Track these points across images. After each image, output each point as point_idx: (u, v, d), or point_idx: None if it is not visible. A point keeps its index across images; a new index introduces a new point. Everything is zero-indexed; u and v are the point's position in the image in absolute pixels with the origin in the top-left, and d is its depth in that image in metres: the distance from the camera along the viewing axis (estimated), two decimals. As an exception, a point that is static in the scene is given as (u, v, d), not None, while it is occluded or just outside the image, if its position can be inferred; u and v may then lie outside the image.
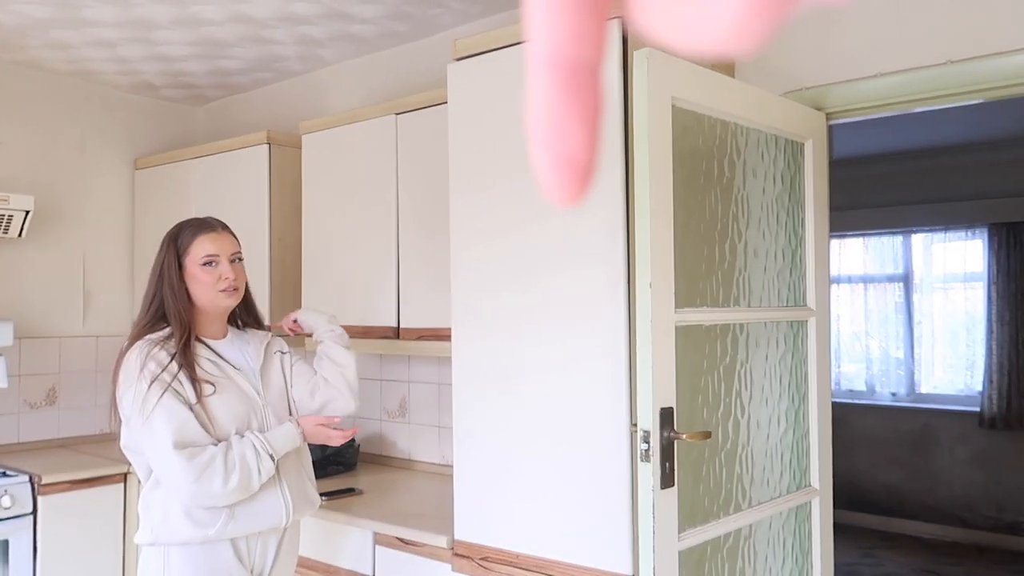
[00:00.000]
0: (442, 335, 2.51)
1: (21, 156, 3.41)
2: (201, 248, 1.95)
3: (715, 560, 1.87)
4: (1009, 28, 1.98)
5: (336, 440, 2.02)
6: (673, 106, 1.75)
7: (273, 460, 1.88)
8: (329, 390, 2.10)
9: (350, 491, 2.65)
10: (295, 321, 2.27)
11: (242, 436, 1.88)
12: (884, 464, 5.45)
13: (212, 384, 1.89)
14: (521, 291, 2.02)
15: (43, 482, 2.87)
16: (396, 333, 2.70)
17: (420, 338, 2.63)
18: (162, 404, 1.81)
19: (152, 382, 1.82)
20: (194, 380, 1.87)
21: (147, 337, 1.90)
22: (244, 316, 2.11)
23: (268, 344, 2.09)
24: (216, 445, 1.84)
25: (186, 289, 1.94)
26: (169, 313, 1.93)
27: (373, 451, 3.19)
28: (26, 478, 2.87)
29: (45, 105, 3.50)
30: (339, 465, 2.94)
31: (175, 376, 1.85)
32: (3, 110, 3.37)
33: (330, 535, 2.46)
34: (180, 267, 1.94)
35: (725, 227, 1.94)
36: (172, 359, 1.86)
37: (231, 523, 1.87)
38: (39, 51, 3.22)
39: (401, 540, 2.28)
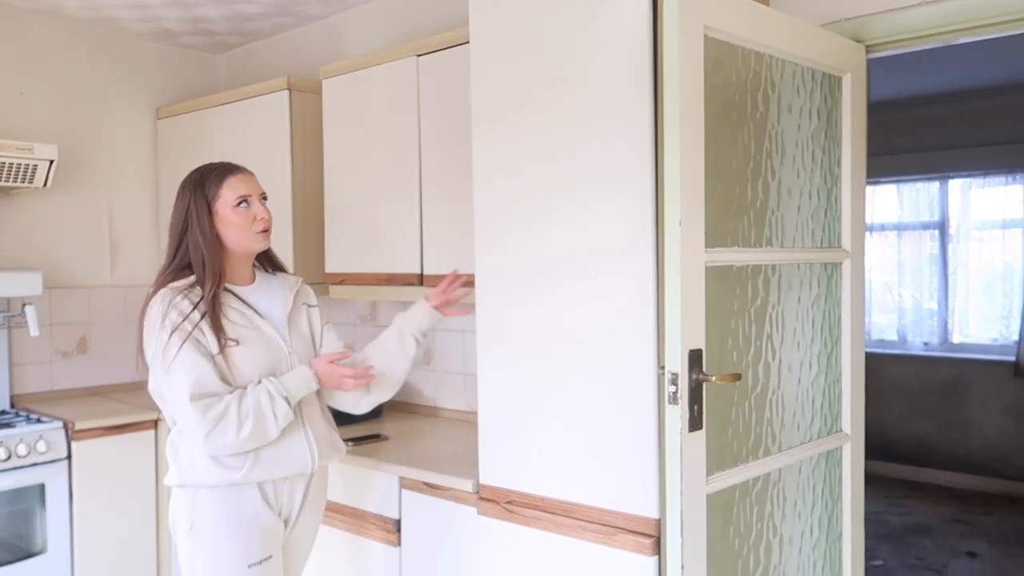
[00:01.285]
0: (467, 281, 2.48)
1: (44, 106, 3.40)
2: (232, 190, 1.92)
3: (743, 504, 1.84)
4: (1066, -51, 1.86)
5: (349, 384, 1.96)
6: (705, 36, 1.67)
7: (288, 404, 1.87)
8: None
9: (376, 437, 2.67)
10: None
11: (258, 383, 1.88)
12: (915, 415, 5.38)
13: (235, 339, 1.88)
14: (546, 230, 1.97)
15: (76, 428, 2.92)
16: (420, 280, 2.68)
17: (444, 284, 2.60)
18: (181, 355, 1.80)
19: (173, 332, 1.81)
20: (218, 330, 1.85)
21: (171, 285, 1.89)
22: (265, 262, 2.10)
23: (297, 292, 2.07)
24: (232, 394, 1.83)
25: (216, 235, 1.92)
26: (197, 261, 1.90)
27: (399, 399, 3.19)
28: (60, 424, 2.92)
29: (66, 54, 3.47)
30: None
31: (196, 325, 1.83)
32: (25, 60, 3.35)
33: (357, 480, 2.47)
34: (210, 212, 1.91)
35: (758, 164, 1.87)
36: (195, 308, 1.85)
37: (256, 468, 1.88)
38: (57, -2, 3.18)
39: (427, 484, 2.29)
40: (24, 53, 3.35)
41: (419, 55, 2.65)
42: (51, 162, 3.03)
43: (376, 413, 3.00)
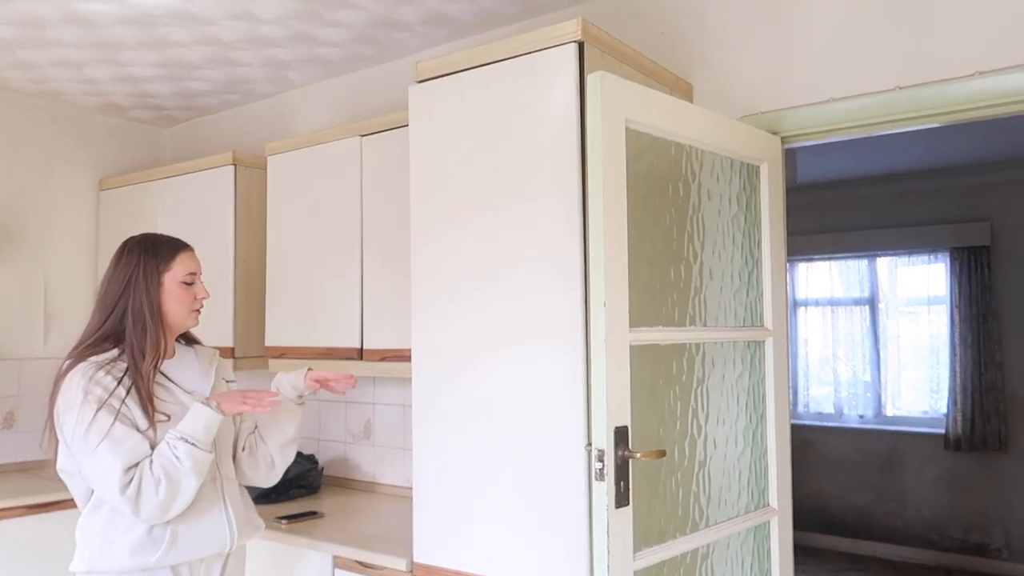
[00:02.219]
0: (406, 356, 2.50)
1: (-17, 176, 3.38)
2: (184, 266, 1.92)
3: (672, 580, 1.86)
4: (954, 56, 2.05)
5: (248, 406, 1.83)
6: (627, 128, 1.78)
7: (188, 442, 1.76)
8: (260, 454, 2.02)
9: (312, 514, 2.62)
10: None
11: None
12: (853, 486, 5.48)
13: (165, 414, 1.82)
14: (480, 312, 2.03)
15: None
16: (360, 354, 2.69)
17: (384, 359, 2.62)
18: (110, 432, 1.73)
19: (99, 408, 1.74)
20: (149, 406, 1.79)
21: (91, 359, 1.82)
22: (182, 335, 2.04)
23: (217, 367, 2.04)
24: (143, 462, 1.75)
25: (160, 306, 1.88)
26: (136, 331, 1.84)
27: (337, 474, 3.16)
28: (-17, 505, 2.81)
29: (9, 125, 3.47)
30: (301, 488, 2.91)
31: (123, 401, 1.77)
32: (-34, 130, 3.34)
33: (289, 559, 2.42)
34: (159, 283, 1.88)
35: (680, 248, 1.97)
36: (119, 384, 1.79)
37: (172, 550, 1.80)
38: (3, 71, 3.20)
39: (360, 563, 2.25)
40: (-34, 124, 3.34)
41: (363, 135, 2.73)
42: (-13, 233, 2.99)
43: (313, 489, 2.96)
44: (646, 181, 1.88)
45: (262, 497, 2.77)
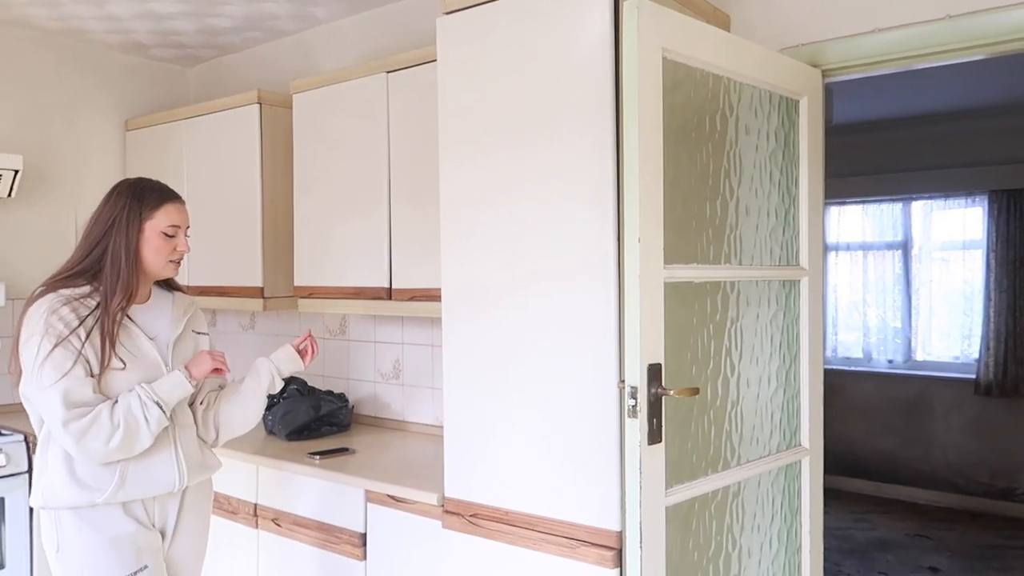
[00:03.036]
0: (435, 296, 2.50)
1: (9, 115, 3.37)
2: (167, 217, 1.92)
3: (703, 516, 1.87)
4: (1010, -20, 1.94)
5: (215, 366, 1.93)
6: (664, 58, 1.72)
7: (161, 408, 1.82)
8: (224, 414, 2.07)
9: (343, 451, 2.66)
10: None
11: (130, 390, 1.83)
12: (879, 431, 5.47)
13: (121, 360, 1.83)
14: (510, 248, 2.00)
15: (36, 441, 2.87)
16: (388, 294, 2.69)
17: (412, 299, 2.62)
18: (60, 367, 1.75)
19: (56, 344, 1.76)
20: (108, 347, 1.81)
21: (60, 292, 1.83)
22: (164, 281, 2.05)
23: (190, 318, 2.05)
24: (104, 403, 1.79)
25: (137, 251, 1.89)
26: (112, 272, 1.85)
27: (367, 412, 3.20)
28: (21, 437, 2.88)
29: (34, 64, 3.45)
30: (332, 425, 2.95)
31: (83, 343, 1.78)
32: (-8, 69, 3.33)
33: (323, 493, 2.47)
34: (140, 229, 1.89)
35: (717, 183, 1.92)
36: (81, 323, 1.80)
37: (121, 489, 1.84)
38: (25, 8, 3.17)
39: (392, 497, 2.29)
40: (-9, 63, 3.33)
41: (389, 72, 2.68)
42: (16, 172, 3.00)
43: (343, 427, 3.00)
44: (682, 114, 1.82)
45: (294, 433, 2.82)
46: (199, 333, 2.08)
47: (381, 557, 2.33)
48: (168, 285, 2.07)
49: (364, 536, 2.37)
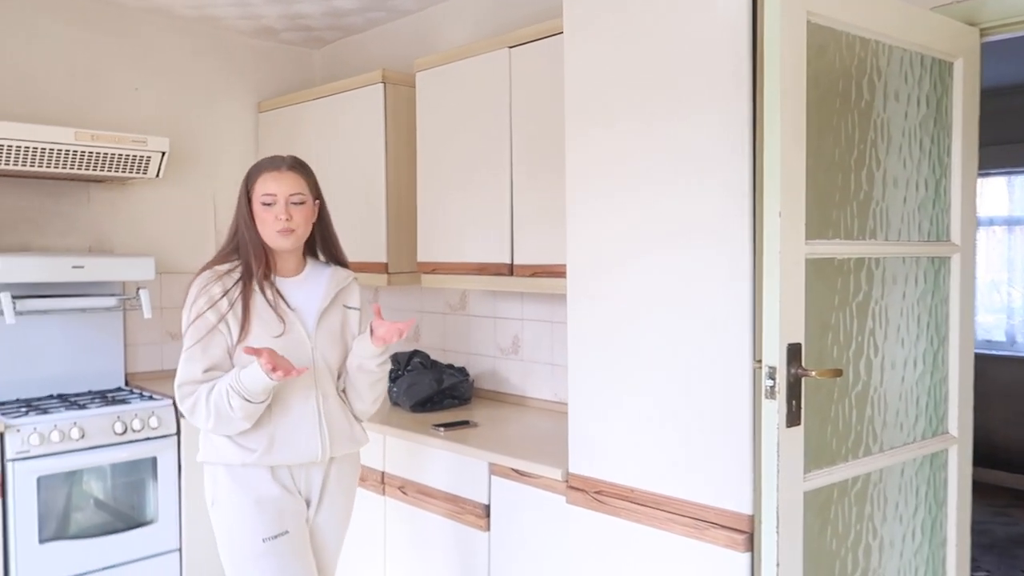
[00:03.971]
0: (556, 272, 2.50)
1: (155, 100, 3.59)
2: (262, 186, 1.99)
3: (842, 504, 1.79)
4: None
5: (286, 373, 1.85)
6: (808, 22, 1.62)
7: (243, 398, 1.85)
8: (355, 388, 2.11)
9: (465, 423, 2.71)
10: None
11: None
12: (1022, 420, 5.08)
13: (254, 328, 1.92)
14: (637, 221, 1.96)
15: (185, 406, 3.08)
16: (510, 270, 2.71)
17: (534, 275, 2.62)
18: (199, 340, 1.91)
19: (196, 319, 1.92)
20: (244, 319, 1.92)
21: (213, 268, 1.99)
22: (324, 253, 2.15)
23: (342, 290, 2.09)
24: (205, 384, 1.90)
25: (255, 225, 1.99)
26: (244, 247, 1.99)
27: (486, 387, 3.24)
28: (170, 402, 3.09)
29: (174, 51, 3.66)
30: (455, 399, 3.01)
31: (222, 316, 1.91)
32: (138, 57, 3.54)
33: (448, 465, 2.53)
34: (249, 203, 2.00)
35: (862, 154, 1.81)
36: (225, 294, 1.92)
37: (268, 454, 1.95)
38: (169, -2, 3.35)
39: (516, 471, 2.32)
40: (136, 50, 3.54)
41: (511, 47, 2.67)
42: (163, 154, 3.20)
43: (465, 400, 3.05)
44: (826, 81, 1.72)
45: (418, 405, 2.90)
46: (350, 308, 2.12)
47: (505, 529, 2.37)
48: (331, 258, 2.14)
49: (488, 508, 2.41)
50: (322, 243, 2.14)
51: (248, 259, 1.98)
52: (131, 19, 3.52)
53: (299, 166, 2.05)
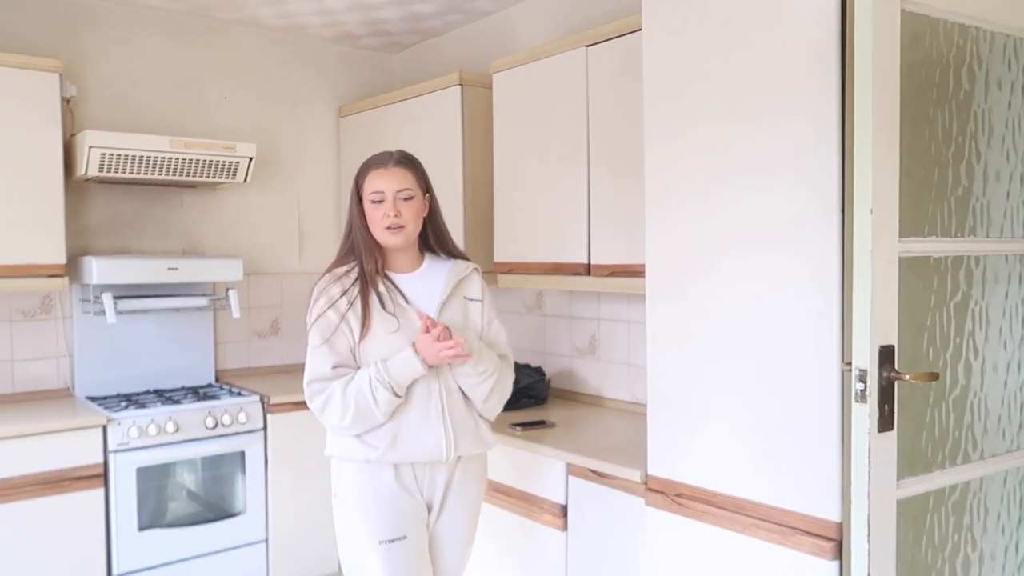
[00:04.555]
0: (634, 271, 2.47)
1: (244, 108, 3.73)
2: (371, 184, 1.99)
3: (938, 513, 1.71)
4: None
5: (447, 356, 1.88)
6: (902, 10, 1.56)
7: (390, 389, 1.87)
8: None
9: (541, 423, 2.72)
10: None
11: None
12: None
13: (374, 324, 1.93)
14: (717, 220, 1.92)
15: (271, 402, 3.20)
16: (587, 270, 2.69)
17: (612, 274, 2.60)
18: (325, 339, 1.94)
19: (317, 318, 1.95)
20: (363, 316, 1.93)
21: (333, 271, 2.01)
22: (438, 248, 2.10)
23: (461, 282, 2.05)
24: (341, 379, 1.92)
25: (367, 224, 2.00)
26: (356, 245, 2.01)
27: (563, 386, 3.24)
28: (257, 398, 3.21)
29: (262, 60, 3.79)
30: (530, 398, 3.02)
31: (343, 316, 1.94)
32: (228, 67, 3.69)
33: (525, 463, 2.53)
34: (360, 201, 2.01)
35: (960, 147, 1.73)
36: (344, 294, 1.94)
37: (392, 450, 1.92)
38: (256, 9, 3.47)
39: (594, 472, 2.30)
40: (227, 61, 3.69)
41: (588, 45, 2.66)
42: (250, 159, 3.31)
43: (541, 400, 3.06)
44: (921, 71, 1.65)
45: (496, 405, 2.91)
46: (470, 300, 2.05)
47: (582, 529, 2.36)
48: (447, 253, 2.10)
49: (565, 508, 2.41)
50: (434, 237, 2.09)
51: (361, 258, 1.99)
52: (224, 32, 3.67)
53: (407, 161, 2.02)
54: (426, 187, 2.05)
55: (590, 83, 2.65)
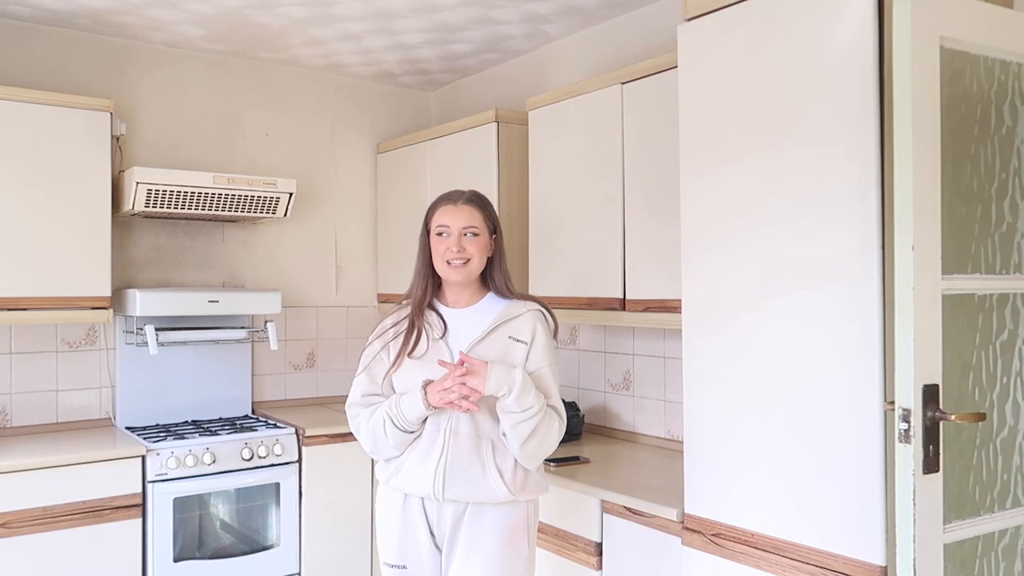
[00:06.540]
0: (670, 307, 2.46)
1: (284, 145, 3.82)
2: (439, 218, 2.04)
3: (988, 558, 1.66)
4: None
5: (446, 400, 1.87)
6: (942, 47, 1.55)
7: (397, 424, 1.95)
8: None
9: (575, 459, 2.69)
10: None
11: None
12: None
13: (408, 356, 1.99)
14: (755, 257, 1.91)
15: (306, 434, 3.22)
16: (622, 305, 2.69)
17: (647, 309, 2.59)
18: (363, 366, 2.07)
19: (365, 348, 2.09)
20: (402, 348, 2.00)
21: (401, 303, 2.12)
22: (495, 287, 2.07)
23: (509, 321, 1.99)
24: (370, 407, 2.04)
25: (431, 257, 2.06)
26: (413, 276, 2.10)
27: (597, 422, 3.22)
28: (293, 430, 3.24)
29: (303, 98, 3.89)
30: (565, 434, 2.99)
31: (385, 345, 2.04)
32: (270, 105, 3.79)
33: (560, 501, 2.51)
34: (427, 234, 2.07)
35: (1004, 183, 1.70)
36: (394, 326, 2.05)
37: (394, 478, 2.02)
38: (298, 49, 3.57)
39: (629, 509, 2.27)
40: (268, 99, 3.79)
41: (623, 82, 2.68)
42: (290, 195, 3.38)
43: (575, 435, 3.03)
44: (961, 107, 1.64)
45: (529, 440, 2.90)
46: (516, 340, 1.98)
47: (617, 568, 2.32)
48: (501, 291, 2.05)
49: (600, 546, 2.38)
50: (493, 276, 2.07)
51: (412, 292, 2.08)
52: (266, 71, 3.78)
53: (476, 200, 2.05)
54: (494, 227, 2.08)
55: (625, 119, 2.67)
